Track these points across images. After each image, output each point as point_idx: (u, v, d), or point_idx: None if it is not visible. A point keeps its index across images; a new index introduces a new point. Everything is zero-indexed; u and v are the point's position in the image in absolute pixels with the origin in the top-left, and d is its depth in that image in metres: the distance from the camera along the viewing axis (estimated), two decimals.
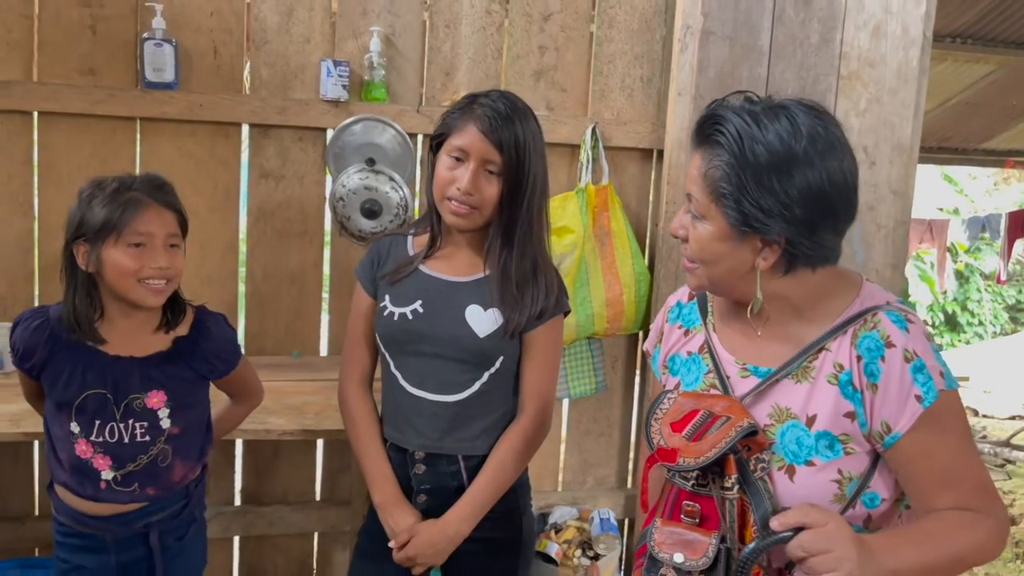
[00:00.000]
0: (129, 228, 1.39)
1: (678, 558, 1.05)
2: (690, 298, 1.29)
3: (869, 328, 1.06)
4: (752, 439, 1.06)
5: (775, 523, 0.98)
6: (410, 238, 1.59)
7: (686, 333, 1.26)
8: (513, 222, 1.47)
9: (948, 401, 1.04)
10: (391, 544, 1.49)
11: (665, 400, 1.15)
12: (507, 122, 1.43)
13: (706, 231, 1.08)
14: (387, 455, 1.56)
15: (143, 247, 1.41)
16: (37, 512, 2.28)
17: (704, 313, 1.24)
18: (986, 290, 12.30)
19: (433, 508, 1.52)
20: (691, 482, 1.10)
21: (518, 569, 1.60)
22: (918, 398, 1.03)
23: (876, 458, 1.08)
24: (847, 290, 1.12)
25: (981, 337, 12.00)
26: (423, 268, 1.53)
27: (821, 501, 1.06)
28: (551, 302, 1.51)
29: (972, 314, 12.18)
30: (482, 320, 1.49)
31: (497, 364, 1.51)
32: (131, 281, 1.41)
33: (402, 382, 1.52)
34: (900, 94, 2.41)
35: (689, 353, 1.24)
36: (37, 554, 2.24)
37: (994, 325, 12.36)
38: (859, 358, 1.06)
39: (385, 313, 1.52)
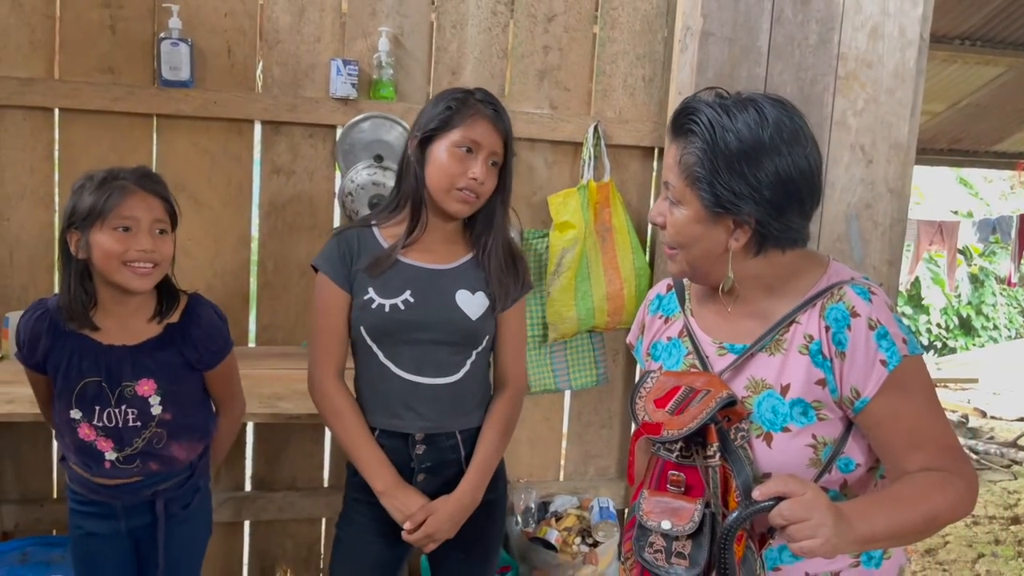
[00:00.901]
0: (114, 212, 1.44)
1: (666, 524, 1.10)
2: (668, 289, 1.36)
3: (835, 300, 1.12)
4: (731, 409, 1.12)
5: (757, 493, 1.02)
6: (376, 230, 1.61)
7: (666, 321, 1.33)
8: (494, 209, 1.60)
9: (912, 365, 1.09)
10: (405, 526, 1.53)
11: (648, 380, 1.21)
12: (505, 115, 1.57)
13: (682, 215, 1.14)
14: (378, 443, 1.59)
15: (129, 231, 1.45)
16: (55, 495, 2.36)
17: (682, 300, 1.31)
18: (1001, 294, 12.21)
19: (432, 485, 1.59)
20: (675, 453, 1.15)
21: (501, 521, 1.73)
22: (883, 363, 1.08)
23: (849, 425, 1.14)
24: (815, 268, 1.18)
25: (996, 341, 11.87)
26: (403, 259, 1.57)
27: (798, 466, 1.12)
28: (524, 282, 1.65)
29: (987, 318, 12.07)
30: (471, 303, 1.58)
31: (484, 343, 1.61)
32: (116, 264, 1.45)
33: (396, 370, 1.56)
34: (897, 94, 2.44)
35: (669, 338, 1.30)
36: (55, 534, 2.31)
37: (1009, 329, 12.25)
38: (827, 328, 1.12)
39: (373, 306, 1.54)
